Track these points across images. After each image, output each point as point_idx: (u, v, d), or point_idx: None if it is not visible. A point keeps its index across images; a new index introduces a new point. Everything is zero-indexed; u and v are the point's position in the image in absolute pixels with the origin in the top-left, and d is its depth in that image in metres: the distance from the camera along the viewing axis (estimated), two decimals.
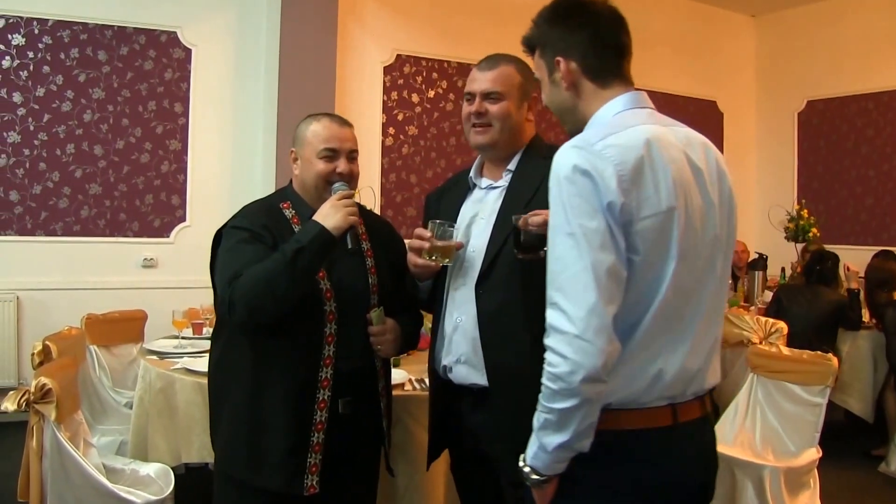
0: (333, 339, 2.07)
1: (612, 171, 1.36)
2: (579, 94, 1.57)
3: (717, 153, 1.58)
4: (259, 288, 1.93)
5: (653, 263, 1.40)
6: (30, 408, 2.46)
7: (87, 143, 5.05)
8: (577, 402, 1.34)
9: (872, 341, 4.73)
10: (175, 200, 5.30)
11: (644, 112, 1.54)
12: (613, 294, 1.35)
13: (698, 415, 1.50)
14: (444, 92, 6.34)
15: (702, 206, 1.48)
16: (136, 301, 4.35)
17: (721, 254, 1.52)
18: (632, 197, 1.37)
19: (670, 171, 1.41)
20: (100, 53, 5.07)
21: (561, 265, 1.37)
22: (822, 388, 3.26)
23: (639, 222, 1.38)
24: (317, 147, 2.14)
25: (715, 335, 1.54)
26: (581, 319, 1.32)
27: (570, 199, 1.37)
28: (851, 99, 7.14)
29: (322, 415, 2.05)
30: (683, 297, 1.44)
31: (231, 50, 5.45)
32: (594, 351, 1.31)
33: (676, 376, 1.44)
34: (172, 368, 2.99)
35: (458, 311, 2.02)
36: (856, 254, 6.60)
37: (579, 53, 1.55)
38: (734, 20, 7.92)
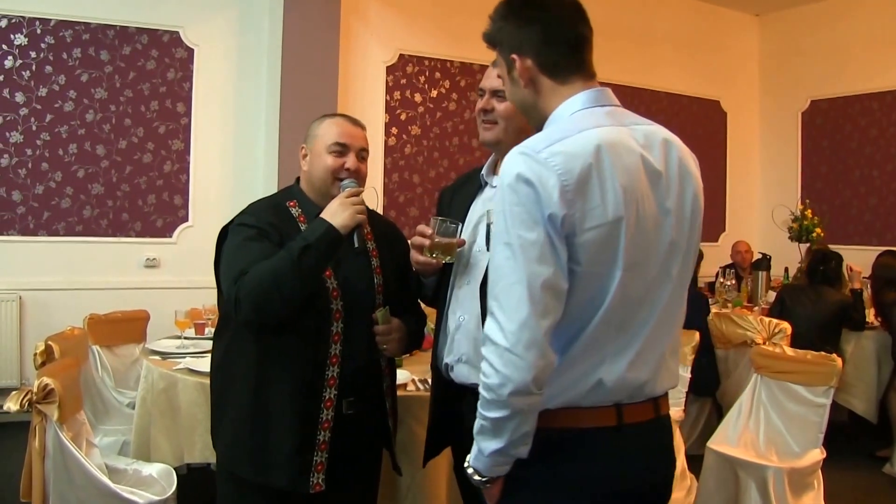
0: (340, 338, 2.07)
1: (555, 182, 1.33)
2: (538, 91, 1.52)
3: (682, 153, 1.51)
4: (265, 286, 1.91)
5: (596, 274, 1.38)
6: (32, 408, 2.46)
7: (90, 143, 5.05)
8: (507, 413, 1.35)
9: (877, 341, 4.71)
10: (177, 200, 5.30)
11: (602, 111, 1.48)
12: (549, 307, 1.33)
13: (650, 417, 1.48)
14: (447, 92, 6.34)
15: (656, 214, 1.43)
16: (139, 301, 4.35)
17: (678, 261, 1.48)
18: (575, 208, 1.33)
19: (619, 180, 1.37)
20: (102, 53, 5.07)
21: (497, 275, 1.36)
22: (826, 388, 3.25)
23: (583, 234, 1.35)
24: (327, 141, 2.13)
25: (668, 343, 1.51)
26: (512, 333, 1.32)
27: (512, 208, 1.35)
28: (855, 98, 7.12)
29: (328, 413, 2.05)
30: (631, 307, 1.42)
31: (233, 50, 5.45)
32: (524, 365, 1.31)
33: (618, 385, 1.42)
34: (175, 368, 2.99)
35: (461, 309, 2.00)
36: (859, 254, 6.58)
37: (533, 49, 1.50)
38: (738, 19, 7.91)
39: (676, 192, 1.47)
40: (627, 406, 1.45)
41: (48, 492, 2.45)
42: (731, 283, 5.53)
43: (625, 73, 6.88)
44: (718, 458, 3.32)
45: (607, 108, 1.49)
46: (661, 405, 1.52)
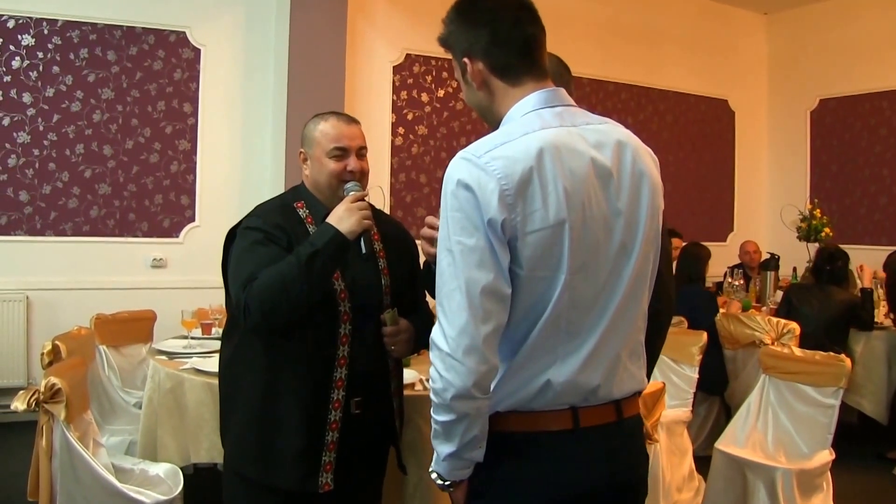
0: (348, 340, 2.07)
1: (494, 186, 1.33)
2: (491, 93, 1.51)
3: (637, 152, 1.50)
4: (274, 292, 1.92)
5: (540, 278, 1.37)
6: (39, 407, 2.46)
7: (97, 143, 5.06)
8: (453, 417, 1.37)
9: (887, 342, 4.68)
10: (184, 200, 5.31)
11: (552, 112, 1.46)
12: (490, 313, 1.33)
13: (610, 419, 1.47)
14: (454, 91, 6.32)
15: (606, 216, 1.42)
16: (145, 301, 4.35)
17: (632, 262, 1.46)
18: (516, 212, 1.33)
19: (563, 183, 1.36)
20: (109, 53, 5.08)
21: (441, 281, 1.38)
22: (836, 389, 3.23)
23: (524, 237, 1.35)
24: (326, 147, 2.13)
25: (624, 346, 1.49)
26: (452, 339, 1.33)
27: (452, 213, 1.35)
28: (865, 97, 7.09)
29: (336, 414, 2.05)
30: (580, 310, 1.41)
31: (240, 50, 5.45)
32: (464, 371, 1.33)
33: (568, 387, 1.42)
34: (182, 368, 2.98)
35: None
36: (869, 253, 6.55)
37: (483, 52, 1.49)
38: (746, 18, 7.88)
39: (629, 192, 1.46)
40: (584, 409, 1.44)
41: (55, 491, 2.45)
42: (740, 283, 5.50)
43: (632, 72, 6.87)
44: (726, 458, 3.30)
45: (558, 109, 1.48)
46: (625, 408, 1.51)
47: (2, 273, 4.85)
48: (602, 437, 1.46)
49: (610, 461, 1.47)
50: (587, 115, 1.51)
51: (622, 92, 6.97)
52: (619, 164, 1.46)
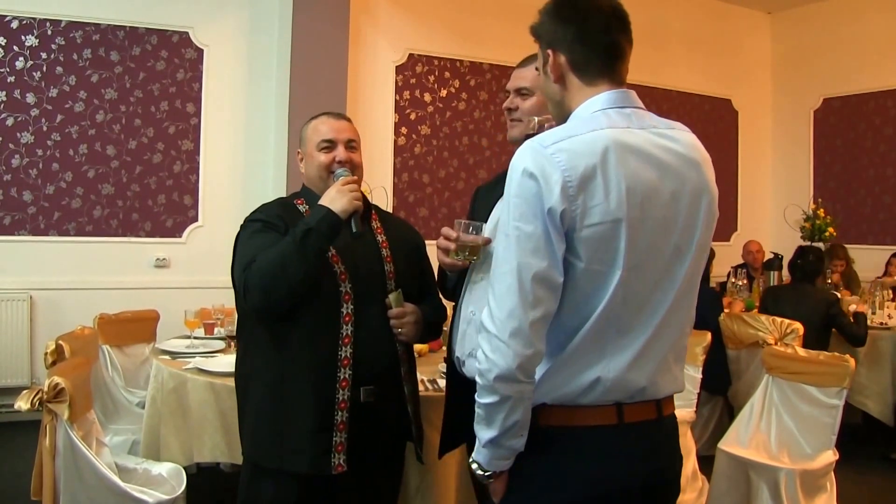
0: (351, 319, 2.11)
1: (558, 177, 1.36)
2: (566, 87, 1.56)
3: (701, 158, 1.53)
4: (272, 269, 1.99)
5: (597, 272, 1.40)
6: (43, 407, 2.46)
7: (100, 143, 5.07)
8: (496, 399, 1.39)
9: (892, 342, 4.66)
10: (187, 200, 5.31)
11: (622, 112, 1.49)
12: (540, 299, 1.36)
13: (651, 417, 1.49)
14: (457, 91, 6.32)
15: (664, 217, 1.44)
16: (149, 301, 4.36)
17: (685, 265, 1.48)
18: (577, 204, 1.36)
19: (625, 182, 1.39)
20: (112, 54, 5.09)
21: (495, 263, 1.42)
22: (839, 389, 3.21)
23: (583, 229, 1.37)
24: (316, 141, 2.25)
25: (672, 347, 1.51)
26: (500, 321, 1.37)
27: (515, 199, 1.39)
28: (869, 96, 7.07)
29: (344, 393, 2.08)
30: (633, 308, 1.43)
31: (243, 50, 5.46)
32: (509, 353, 1.35)
33: (616, 385, 1.44)
34: (185, 368, 2.99)
35: (473, 304, 2.02)
36: (874, 253, 6.54)
37: (567, 47, 1.53)
38: (750, 17, 7.86)
39: (689, 197, 1.48)
40: (628, 405, 1.46)
41: (59, 490, 2.45)
42: (743, 282, 5.49)
43: (636, 71, 6.74)
44: (730, 459, 3.29)
45: (627, 110, 1.51)
46: (665, 406, 1.53)
47: (6, 273, 4.87)
48: (643, 434, 1.48)
49: (650, 458, 1.49)
50: (655, 118, 1.54)
51: None
52: (682, 169, 1.48)
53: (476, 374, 1.42)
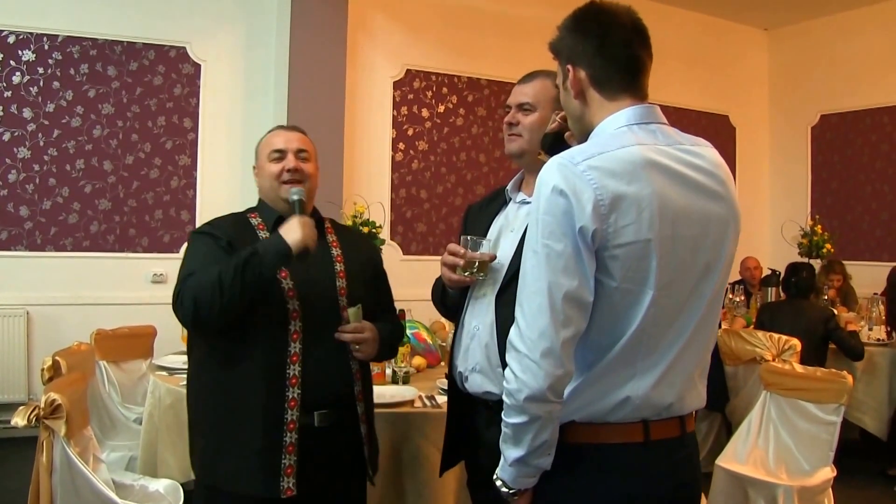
0: (299, 336, 2.07)
1: (590, 195, 1.34)
2: (587, 103, 1.54)
3: (726, 175, 1.52)
4: (207, 286, 1.95)
5: (629, 291, 1.39)
6: (40, 423, 2.44)
7: (97, 158, 5.07)
8: (526, 419, 1.37)
9: (888, 358, 4.66)
10: (185, 216, 5.31)
11: (647, 129, 1.48)
12: (570, 318, 1.35)
13: (675, 434, 1.49)
14: (454, 107, 6.34)
15: (694, 235, 1.44)
16: (145, 316, 4.33)
17: (712, 283, 1.48)
18: (608, 223, 1.35)
19: (656, 200, 1.38)
20: (109, 69, 5.10)
21: (524, 282, 1.40)
22: (837, 406, 3.21)
23: (614, 249, 1.36)
24: (266, 152, 2.24)
25: (698, 364, 1.51)
26: (531, 340, 1.35)
27: (544, 217, 1.37)
28: (866, 113, 7.11)
29: (293, 413, 2.04)
30: (662, 326, 1.42)
31: (240, 65, 5.48)
32: (541, 373, 1.34)
33: (644, 402, 1.43)
34: (182, 384, 2.97)
35: (476, 319, 2.02)
36: (871, 270, 6.55)
37: (587, 62, 1.52)
38: (747, 34, 7.92)
39: (717, 214, 1.48)
40: (654, 422, 1.46)
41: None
42: (741, 299, 5.50)
43: None
44: (728, 475, 3.29)
45: (652, 126, 1.49)
46: (688, 423, 1.53)
47: (2, 288, 4.85)
48: (668, 451, 1.48)
49: (674, 475, 1.49)
50: (680, 134, 1.53)
51: None
52: (709, 186, 1.47)
53: (505, 394, 1.40)
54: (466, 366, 2.03)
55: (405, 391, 2.81)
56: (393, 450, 2.57)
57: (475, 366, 2.00)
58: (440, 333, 3.82)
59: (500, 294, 1.96)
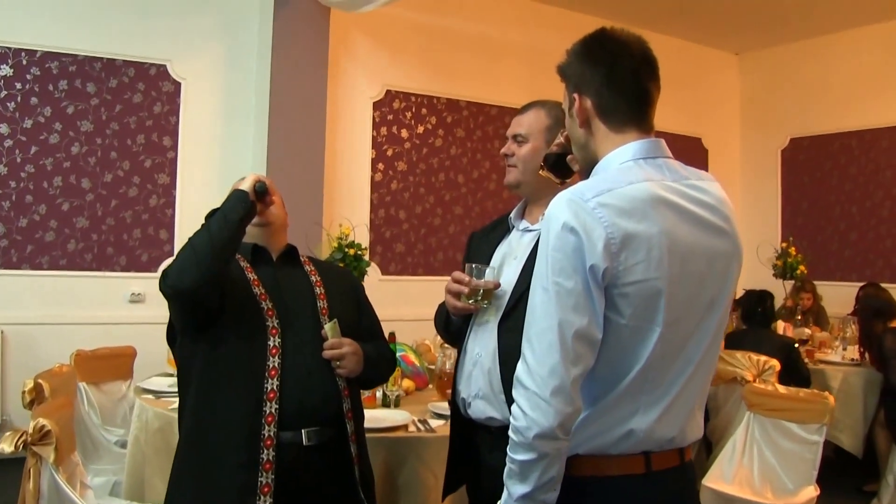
0: (278, 352, 2.06)
1: (601, 233, 1.33)
2: (591, 132, 1.52)
3: (730, 210, 1.52)
4: (183, 252, 1.99)
5: (637, 328, 1.38)
6: (27, 449, 2.39)
7: (75, 175, 5.00)
8: (534, 457, 1.36)
9: (863, 377, 4.75)
10: (163, 235, 5.25)
11: (654, 164, 1.46)
12: (580, 356, 1.35)
13: (675, 464, 1.49)
14: (433, 128, 6.37)
15: (701, 271, 1.43)
16: (123, 336, 4.28)
17: (716, 317, 1.48)
18: (619, 261, 1.34)
19: (665, 237, 1.37)
20: (89, 85, 5.04)
21: (532, 317, 1.38)
22: (819, 426, 3.27)
23: (624, 287, 1.35)
24: None
25: (698, 395, 1.51)
26: (541, 378, 1.33)
27: (554, 253, 1.36)
28: (835, 136, 7.29)
29: (270, 430, 2.00)
30: (667, 361, 1.42)
31: (221, 84, 5.44)
32: (550, 411, 1.33)
33: (647, 436, 1.43)
34: (171, 408, 2.93)
35: (478, 346, 2.04)
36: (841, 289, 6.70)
37: (594, 91, 1.50)
38: (719, 58, 8.09)
39: (721, 250, 1.47)
40: (655, 454, 1.45)
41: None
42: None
43: None
44: (714, 495, 3.32)
45: (659, 161, 1.48)
46: (686, 452, 1.53)
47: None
48: (669, 481, 1.48)
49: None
50: (685, 168, 1.52)
51: None
52: (715, 223, 1.47)
53: (511, 431, 1.38)
54: (469, 392, 2.04)
55: (397, 415, 2.80)
56: (389, 474, 2.56)
57: (478, 392, 2.01)
58: (426, 355, 3.82)
59: (502, 321, 1.98)
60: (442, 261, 6.39)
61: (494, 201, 6.65)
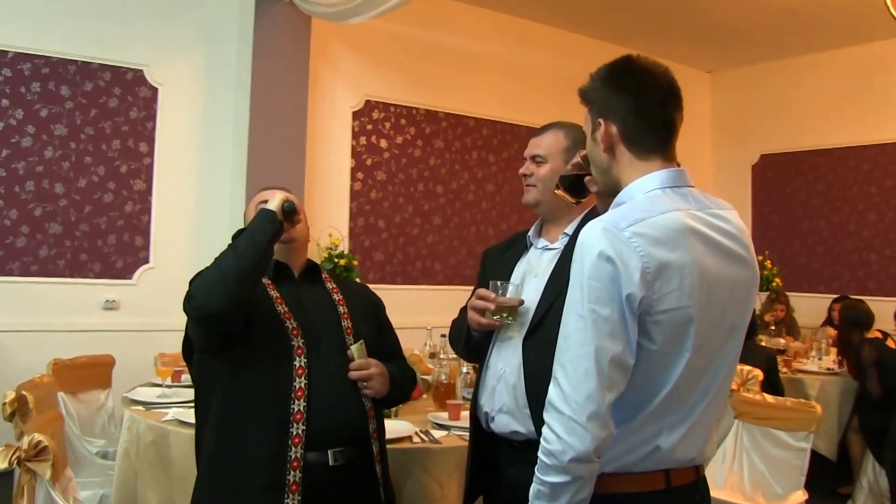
0: (304, 372, 2.04)
1: (637, 263, 1.35)
2: (615, 158, 1.54)
3: (749, 239, 1.56)
4: (208, 274, 1.94)
5: (667, 354, 1.41)
6: (21, 466, 2.30)
7: (48, 180, 4.86)
8: (567, 479, 1.37)
9: (839, 386, 4.94)
10: (139, 241, 5.13)
11: (680, 193, 1.49)
12: (615, 381, 1.37)
13: (692, 479, 1.53)
14: (412, 138, 6.36)
15: (724, 299, 1.47)
16: (97, 344, 4.17)
17: (736, 341, 1.53)
18: (653, 290, 1.37)
19: (696, 266, 1.40)
20: (63, 89, 4.91)
21: (567, 343, 1.40)
22: (807, 433, 3.36)
23: (657, 315, 1.38)
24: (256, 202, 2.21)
25: (716, 415, 1.55)
26: (577, 404, 1.35)
27: (589, 282, 1.38)
28: (804, 154, 7.51)
29: (297, 451, 1.98)
30: (690, 385, 1.46)
31: (199, 90, 5.35)
32: (587, 436, 1.35)
33: (669, 456, 1.46)
34: (164, 420, 2.86)
35: (502, 362, 2.06)
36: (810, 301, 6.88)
37: (620, 119, 1.51)
38: (691, 76, 8.23)
39: (742, 277, 1.51)
40: (676, 470, 1.49)
41: None
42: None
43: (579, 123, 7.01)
44: None
45: (684, 190, 1.51)
46: (700, 467, 1.57)
47: None
48: (687, 495, 1.51)
49: None
50: (707, 197, 1.54)
51: None
52: (736, 252, 1.50)
53: (543, 454, 1.40)
54: (493, 406, 2.05)
55: (401, 426, 2.78)
56: (394, 486, 2.53)
57: (502, 406, 2.03)
58: (419, 366, 3.79)
59: (527, 337, 2.01)
60: (420, 270, 6.38)
61: (473, 212, 6.67)
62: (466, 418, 2.96)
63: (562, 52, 6.99)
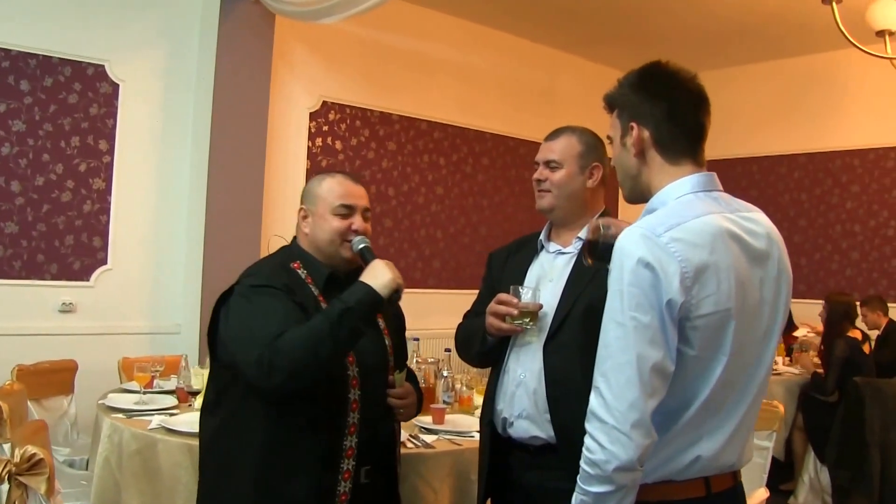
0: (358, 406, 2.02)
1: (676, 268, 1.38)
2: (646, 163, 1.57)
3: (780, 242, 1.59)
4: (302, 351, 1.83)
5: (705, 359, 1.44)
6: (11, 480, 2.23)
7: (4, 178, 4.68)
8: (612, 489, 1.39)
9: (783, 387, 5.20)
10: (97, 242, 4.99)
11: (711, 197, 1.53)
12: (656, 389, 1.39)
13: (730, 485, 1.56)
14: (367, 140, 6.34)
15: (758, 303, 1.50)
16: (53, 348, 4.10)
17: (770, 347, 1.55)
18: (691, 295, 1.39)
19: (733, 270, 1.43)
20: (22, 83, 4.73)
21: (608, 352, 1.41)
22: (770, 432, 3.51)
23: (696, 319, 1.40)
24: (332, 203, 2.11)
25: (752, 423, 1.58)
26: (620, 412, 1.36)
27: (629, 289, 1.39)
28: (738, 161, 7.70)
29: (346, 485, 1.99)
30: (727, 390, 1.48)
31: (161, 87, 5.22)
32: (630, 444, 1.36)
33: (710, 463, 1.49)
34: (150, 428, 2.82)
35: (521, 367, 2.08)
36: None
37: (654, 124, 1.55)
38: None
39: (773, 280, 1.54)
40: (715, 477, 1.52)
41: None
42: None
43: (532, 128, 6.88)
44: None
45: (715, 194, 1.55)
46: (738, 473, 1.61)
47: None
48: (726, 502, 1.55)
49: None
50: (735, 200, 1.58)
51: (520, 147, 7.11)
52: (767, 254, 1.54)
53: (586, 463, 1.40)
54: (512, 412, 2.08)
55: None
56: None
57: (521, 412, 2.06)
58: None
59: (547, 342, 2.03)
60: None
61: (422, 215, 6.68)
62: (451, 422, 3.04)
63: (514, 57, 7.09)
